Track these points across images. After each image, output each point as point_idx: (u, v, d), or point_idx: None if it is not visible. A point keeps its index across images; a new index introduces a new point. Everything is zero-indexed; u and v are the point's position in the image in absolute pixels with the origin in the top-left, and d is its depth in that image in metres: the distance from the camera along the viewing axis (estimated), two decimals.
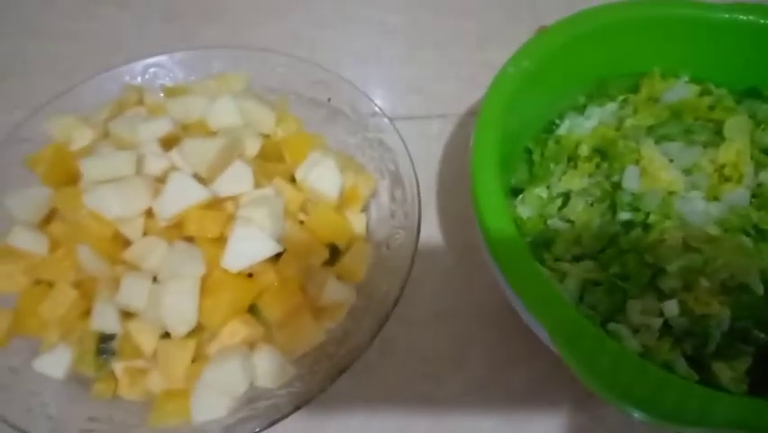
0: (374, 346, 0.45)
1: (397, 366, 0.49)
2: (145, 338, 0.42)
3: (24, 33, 0.72)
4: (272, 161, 0.48)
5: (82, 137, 0.49)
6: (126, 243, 0.44)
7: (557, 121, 0.54)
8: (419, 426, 0.47)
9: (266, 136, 0.50)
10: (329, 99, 0.55)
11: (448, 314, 0.52)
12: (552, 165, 0.51)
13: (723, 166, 0.48)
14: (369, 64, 0.72)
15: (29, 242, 0.44)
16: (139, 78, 0.56)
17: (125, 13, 0.74)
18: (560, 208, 0.49)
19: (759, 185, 0.47)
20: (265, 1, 0.77)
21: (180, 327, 0.40)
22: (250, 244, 0.41)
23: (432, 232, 0.58)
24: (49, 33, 0.72)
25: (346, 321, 0.44)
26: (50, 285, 0.44)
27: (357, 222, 0.48)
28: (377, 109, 0.54)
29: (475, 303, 0.53)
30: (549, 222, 0.49)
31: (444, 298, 0.53)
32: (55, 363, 0.42)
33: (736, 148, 0.47)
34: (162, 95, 0.53)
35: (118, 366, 0.43)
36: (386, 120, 0.53)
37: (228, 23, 0.74)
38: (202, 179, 0.44)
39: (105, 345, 0.44)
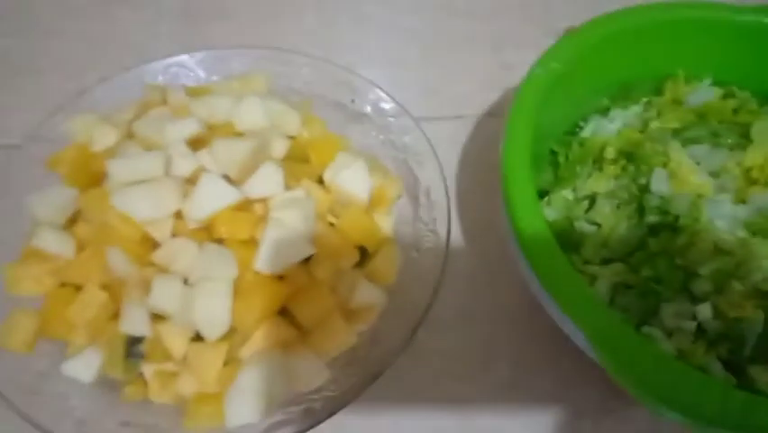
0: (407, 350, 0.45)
1: (425, 367, 0.49)
2: (175, 341, 0.41)
3: (39, 33, 0.71)
4: (299, 163, 0.48)
5: (105, 137, 0.48)
6: (154, 244, 0.43)
7: (581, 123, 0.54)
8: (449, 426, 0.47)
9: (292, 137, 0.50)
10: (353, 100, 0.55)
11: (474, 316, 0.52)
12: (577, 167, 0.51)
13: (750, 169, 0.48)
14: (384, 65, 0.72)
15: (55, 243, 0.44)
16: (160, 78, 0.55)
17: (139, 13, 0.73)
18: (586, 211, 0.49)
19: None
20: (279, 1, 0.76)
21: (214, 330, 0.40)
22: (283, 247, 0.41)
23: (454, 234, 0.57)
24: (63, 33, 0.71)
25: (377, 324, 0.44)
26: (77, 287, 0.43)
27: (385, 224, 0.48)
28: (401, 110, 0.53)
29: (500, 305, 0.53)
30: (575, 224, 0.49)
31: (469, 300, 0.53)
32: (84, 366, 0.41)
33: (763, 151, 0.48)
34: (184, 95, 0.52)
35: (148, 369, 0.42)
36: (411, 121, 0.53)
37: (242, 23, 0.73)
38: (232, 181, 0.43)
39: (133, 348, 0.43)
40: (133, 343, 0.43)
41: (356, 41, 0.73)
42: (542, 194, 0.51)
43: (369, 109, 0.56)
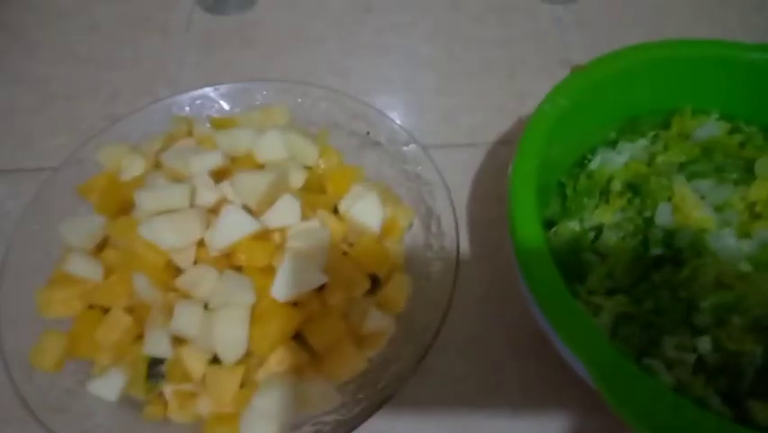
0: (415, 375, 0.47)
1: (433, 392, 0.50)
2: (195, 363, 0.44)
3: (68, 59, 0.75)
4: (315, 193, 0.50)
5: (133, 167, 0.51)
6: (178, 271, 0.46)
7: (589, 156, 0.55)
8: None
9: (309, 168, 0.52)
10: (368, 133, 0.57)
11: (482, 342, 0.53)
12: (584, 199, 0.52)
13: (754, 204, 0.49)
14: (400, 93, 0.74)
15: (84, 268, 0.46)
16: (187, 109, 0.58)
17: (167, 41, 0.76)
18: (592, 241, 0.51)
19: None
20: (299, 31, 0.79)
21: (232, 353, 0.42)
22: (298, 275, 0.43)
23: (465, 261, 0.59)
24: (92, 59, 0.74)
25: (386, 350, 0.46)
26: (104, 310, 0.46)
27: (396, 252, 0.50)
28: (412, 140, 0.56)
29: (509, 332, 0.54)
30: (582, 255, 0.50)
31: (477, 326, 0.54)
32: (109, 386, 0.44)
33: (767, 186, 0.49)
34: (209, 125, 0.55)
35: (168, 389, 0.44)
36: (422, 152, 0.55)
37: (264, 52, 0.76)
38: (252, 211, 0.46)
39: (154, 369, 0.46)
40: (155, 364, 0.45)
41: (375, 71, 0.76)
42: (550, 225, 0.53)
43: (383, 139, 0.58)
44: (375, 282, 0.49)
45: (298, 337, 0.45)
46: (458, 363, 0.53)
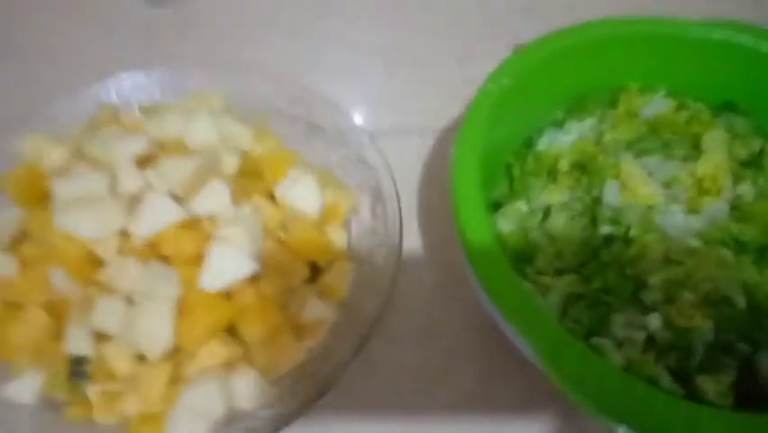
0: (360, 364, 0.45)
1: (383, 383, 0.48)
2: (119, 361, 0.41)
3: None
4: (251, 179, 0.48)
5: (55, 157, 0.47)
6: (100, 263, 0.43)
7: (536, 136, 0.54)
8: None
9: (245, 153, 0.49)
10: (310, 116, 0.55)
11: (434, 330, 0.52)
12: (531, 179, 0.51)
13: (702, 179, 0.48)
14: (349, 80, 0.72)
15: None
16: (115, 96, 0.55)
17: (100, 30, 0.73)
18: (541, 222, 0.49)
19: (737, 197, 0.47)
20: (246, 17, 0.77)
21: (156, 349, 0.39)
22: (227, 264, 0.40)
23: (416, 247, 0.57)
24: (20, 50, 0.70)
25: (327, 339, 0.44)
26: (20, 308, 0.42)
27: (337, 239, 0.48)
28: (357, 125, 0.53)
29: (461, 318, 0.52)
30: (530, 236, 0.49)
31: (430, 314, 0.53)
32: (25, 387, 0.41)
33: (714, 161, 0.48)
34: (139, 113, 0.52)
35: (92, 389, 0.41)
36: (366, 136, 0.53)
37: (207, 40, 0.73)
38: (178, 198, 0.43)
39: (77, 368, 0.42)
40: (78, 363, 0.42)
41: (322, 57, 0.74)
42: (498, 207, 0.51)
43: (326, 125, 0.55)
44: (315, 270, 0.46)
45: (233, 330, 0.42)
46: (410, 352, 0.51)
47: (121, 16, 0.75)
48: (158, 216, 0.41)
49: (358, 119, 0.64)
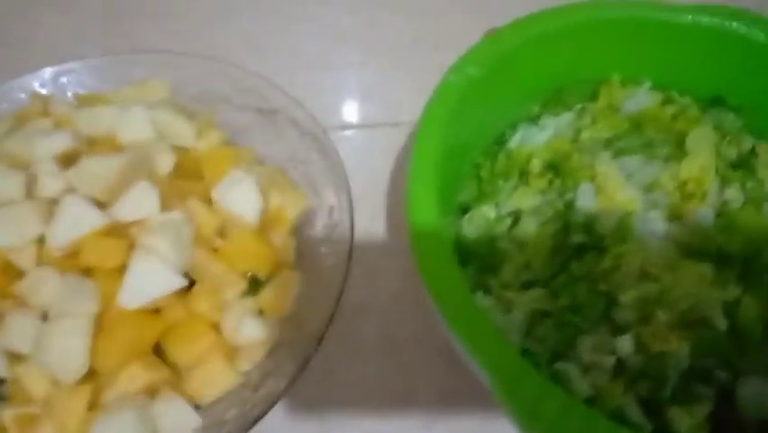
0: (315, 379, 0.42)
1: (338, 401, 0.45)
2: (35, 383, 0.37)
3: None
4: (188, 180, 0.43)
5: None
6: (18, 274, 0.39)
7: (510, 133, 0.50)
8: None
9: (185, 151, 0.45)
10: (262, 109, 0.50)
11: (394, 344, 0.48)
12: (500, 181, 0.47)
13: (685, 182, 0.44)
14: (320, 69, 0.68)
15: None
16: (51, 87, 0.50)
17: (55, 15, 0.68)
18: (509, 229, 0.45)
19: (724, 203, 0.43)
20: (214, 3, 0.72)
21: (69, 372, 0.35)
22: (150, 277, 0.36)
23: (380, 252, 0.53)
24: None
25: (266, 362, 0.39)
26: None
27: (283, 246, 0.44)
28: (316, 119, 0.49)
29: (425, 332, 0.48)
30: (497, 244, 0.44)
31: (390, 326, 0.49)
32: None
33: (699, 163, 0.43)
34: (72, 105, 0.47)
35: (7, 414, 0.38)
36: (322, 132, 0.48)
37: (173, 27, 0.69)
38: (101, 203, 0.39)
39: None
40: None
41: (290, 44, 0.70)
42: (466, 210, 0.47)
43: (284, 119, 0.51)
44: (257, 283, 0.42)
45: (159, 351, 0.38)
46: (367, 366, 0.47)
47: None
48: (75, 223, 0.37)
49: (326, 111, 0.60)
